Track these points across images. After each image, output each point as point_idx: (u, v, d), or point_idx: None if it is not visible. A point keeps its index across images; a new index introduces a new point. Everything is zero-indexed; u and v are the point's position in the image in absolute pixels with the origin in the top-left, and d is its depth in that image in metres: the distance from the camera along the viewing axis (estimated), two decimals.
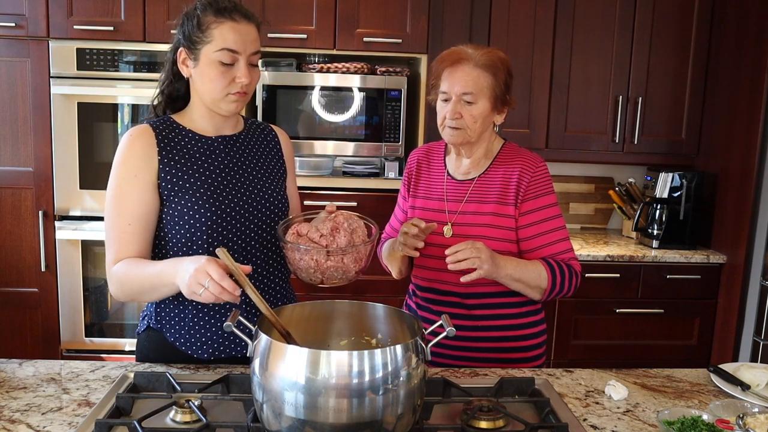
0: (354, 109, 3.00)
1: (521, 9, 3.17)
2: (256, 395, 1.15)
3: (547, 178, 1.73)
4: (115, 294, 1.49)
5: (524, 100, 3.21)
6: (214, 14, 1.46)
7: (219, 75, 1.46)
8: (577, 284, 1.71)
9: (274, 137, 1.70)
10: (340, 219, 1.51)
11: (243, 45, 1.46)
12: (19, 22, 2.82)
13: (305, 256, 1.45)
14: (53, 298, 2.96)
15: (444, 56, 1.71)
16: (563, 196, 3.60)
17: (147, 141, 1.49)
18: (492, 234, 1.69)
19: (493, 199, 1.71)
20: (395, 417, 1.12)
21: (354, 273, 1.49)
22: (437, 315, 1.71)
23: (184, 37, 1.49)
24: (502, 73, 1.69)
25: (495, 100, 1.69)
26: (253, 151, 1.62)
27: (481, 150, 1.76)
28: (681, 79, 3.29)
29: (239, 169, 1.57)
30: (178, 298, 1.52)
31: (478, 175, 1.76)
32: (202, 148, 1.54)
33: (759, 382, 1.50)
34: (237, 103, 1.51)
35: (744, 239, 2.96)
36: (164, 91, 1.60)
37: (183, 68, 1.52)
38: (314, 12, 2.92)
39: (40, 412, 1.29)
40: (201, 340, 1.53)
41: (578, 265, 1.72)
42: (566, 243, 1.72)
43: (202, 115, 1.55)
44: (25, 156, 2.90)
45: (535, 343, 1.78)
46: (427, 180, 1.84)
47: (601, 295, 3.09)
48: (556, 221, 1.71)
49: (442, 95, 1.70)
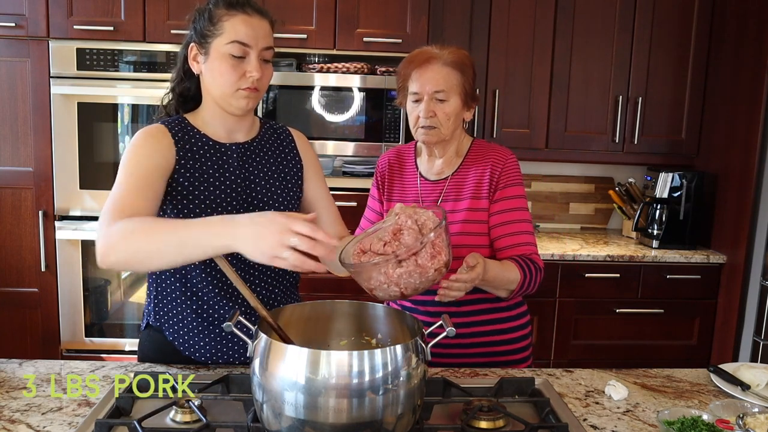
0: (354, 109, 3.00)
1: (521, 9, 3.17)
2: (256, 395, 1.15)
3: (517, 170, 1.75)
4: (107, 250, 1.23)
5: (524, 100, 3.21)
6: (226, 7, 1.43)
7: (229, 69, 1.42)
8: (540, 281, 1.71)
9: (291, 141, 1.65)
10: (402, 218, 1.35)
11: (254, 38, 1.43)
12: (19, 22, 2.82)
13: (373, 273, 1.27)
14: (53, 298, 2.96)
15: (412, 57, 1.73)
16: (563, 196, 3.61)
17: (165, 140, 1.45)
18: (468, 229, 1.71)
19: (467, 195, 1.74)
20: (395, 417, 1.12)
21: (434, 271, 1.30)
22: (427, 315, 1.73)
23: (196, 32, 1.46)
24: (470, 69, 1.72)
25: (465, 96, 1.72)
26: (266, 158, 1.58)
27: (452, 148, 1.79)
28: (681, 79, 3.29)
29: (251, 177, 1.53)
30: (178, 298, 1.50)
31: (451, 174, 1.78)
32: (215, 155, 1.50)
33: (759, 382, 1.50)
34: (248, 99, 1.46)
35: (744, 239, 2.97)
36: (175, 90, 1.56)
37: (194, 65, 1.48)
38: (314, 12, 2.93)
39: (40, 412, 1.29)
40: (199, 343, 1.52)
41: (540, 260, 1.72)
42: (530, 236, 1.73)
43: (214, 115, 1.51)
44: (25, 156, 2.90)
45: (521, 335, 1.79)
46: (401, 183, 1.85)
47: (601, 295, 3.09)
48: (522, 213, 1.73)
49: (413, 96, 1.72)
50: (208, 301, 1.49)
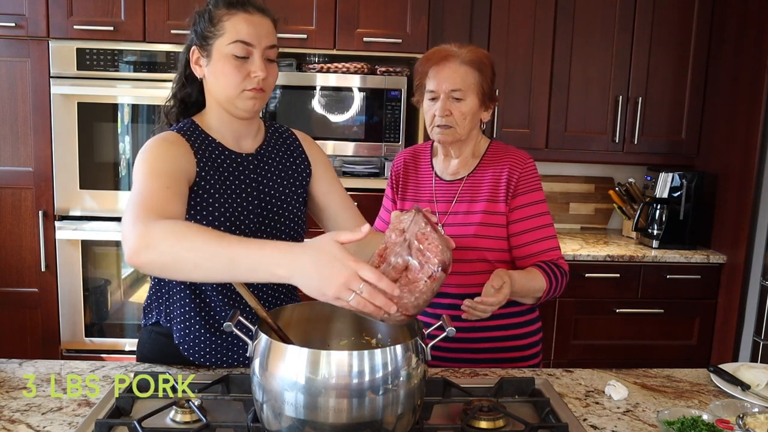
0: (354, 109, 3.00)
1: (521, 9, 3.17)
2: (256, 395, 1.15)
3: (536, 174, 1.73)
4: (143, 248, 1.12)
5: (524, 100, 3.21)
6: (226, 7, 1.40)
7: (233, 69, 1.38)
8: (565, 285, 1.71)
9: (299, 146, 1.61)
10: (388, 233, 1.20)
11: (257, 37, 1.39)
12: (19, 22, 2.82)
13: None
14: (53, 298, 2.96)
15: (429, 55, 1.71)
16: (563, 196, 3.60)
17: (184, 148, 1.40)
18: (484, 232, 1.69)
19: (483, 198, 1.72)
20: (395, 417, 1.12)
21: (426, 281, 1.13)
22: (432, 318, 1.71)
23: (197, 35, 1.43)
24: (488, 69, 1.70)
25: (483, 96, 1.70)
26: (276, 164, 1.55)
27: (469, 149, 1.77)
28: (681, 79, 3.29)
29: (260, 187, 1.50)
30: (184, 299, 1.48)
31: (467, 175, 1.76)
32: (233, 165, 1.47)
33: (759, 382, 1.50)
34: (254, 100, 1.41)
35: (744, 239, 2.97)
36: (177, 95, 1.52)
37: (196, 69, 1.45)
38: (314, 12, 2.92)
39: (40, 412, 1.29)
40: (200, 345, 1.51)
41: (566, 264, 1.72)
42: (554, 240, 1.72)
43: (221, 120, 1.47)
44: (25, 156, 2.90)
45: (532, 341, 1.78)
46: (415, 182, 1.84)
47: (601, 295, 3.09)
48: (545, 218, 1.72)
49: (429, 94, 1.70)
50: (210, 303, 1.49)
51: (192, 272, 1.13)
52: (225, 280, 1.15)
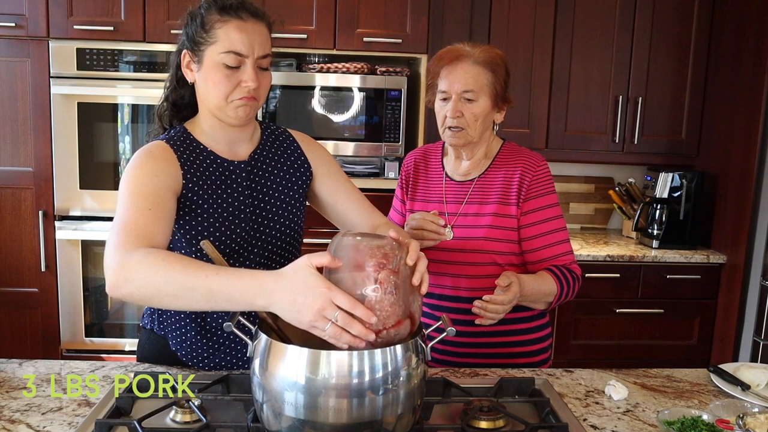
0: (354, 109, 3.00)
1: (521, 9, 3.17)
2: (256, 395, 1.15)
3: (549, 177, 1.70)
4: (123, 281, 1.13)
5: (524, 100, 3.21)
6: (218, 12, 1.34)
7: (223, 79, 1.34)
8: (578, 289, 1.69)
9: (297, 148, 1.57)
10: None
11: (250, 47, 1.34)
12: (19, 22, 2.82)
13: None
14: (53, 298, 2.96)
15: (442, 54, 1.67)
16: (563, 196, 3.60)
17: (169, 160, 1.37)
18: (494, 235, 1.67)
19: (494, 199, 1.69)
20: (395, 417, 1.12)
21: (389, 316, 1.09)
22: (436, 320, 1.70)
23: (188, 38, 1.38)
24: (502, 70, 1.66)
25: (495, 97, 1.66)
26: (272, 170, 1.51)
27: (481, 151, 1.73)
28: (681, 79, 3.29)
29: (254, 194, 1.47)
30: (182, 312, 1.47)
31: (478, 176, 1.73)
32: (224, 174, 1.44)
33: (759, 382, 1.50)
34: (244, 108, 1.37)
35: (744, 239, 2.97)
36: (169, 98, 1.49)
37: (187, 72, 1.41)
38: (314, 12, 2.92)
39: (40, 412, 1.29)
40: (198, 350, 1.50)
41: (578, 269, 1.69)
42: (567, 245, 1.69)
43: (213, 126, 1.44)
44: (25, 156, 2.90)
45: (540, 347, 1.76)
46: (425, 182, 1.81)
47: (601, 295, 3.09)
48: (558, 222, 1.69)
49: (441, 94, 1.67)
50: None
51: (172, 303, 1.14)
52: (205, 309, 1.15)
